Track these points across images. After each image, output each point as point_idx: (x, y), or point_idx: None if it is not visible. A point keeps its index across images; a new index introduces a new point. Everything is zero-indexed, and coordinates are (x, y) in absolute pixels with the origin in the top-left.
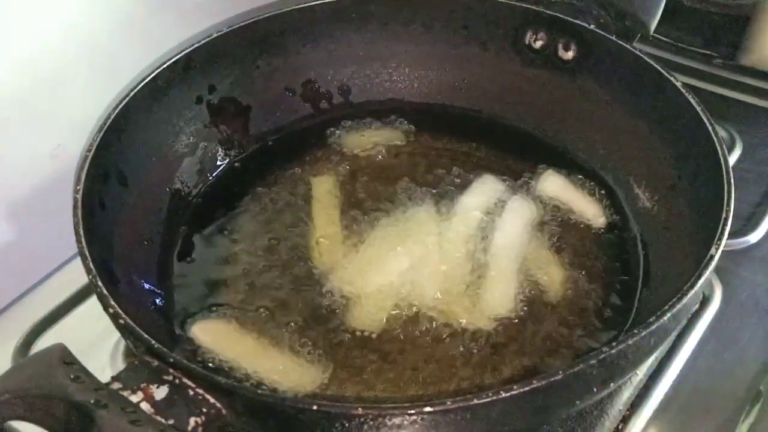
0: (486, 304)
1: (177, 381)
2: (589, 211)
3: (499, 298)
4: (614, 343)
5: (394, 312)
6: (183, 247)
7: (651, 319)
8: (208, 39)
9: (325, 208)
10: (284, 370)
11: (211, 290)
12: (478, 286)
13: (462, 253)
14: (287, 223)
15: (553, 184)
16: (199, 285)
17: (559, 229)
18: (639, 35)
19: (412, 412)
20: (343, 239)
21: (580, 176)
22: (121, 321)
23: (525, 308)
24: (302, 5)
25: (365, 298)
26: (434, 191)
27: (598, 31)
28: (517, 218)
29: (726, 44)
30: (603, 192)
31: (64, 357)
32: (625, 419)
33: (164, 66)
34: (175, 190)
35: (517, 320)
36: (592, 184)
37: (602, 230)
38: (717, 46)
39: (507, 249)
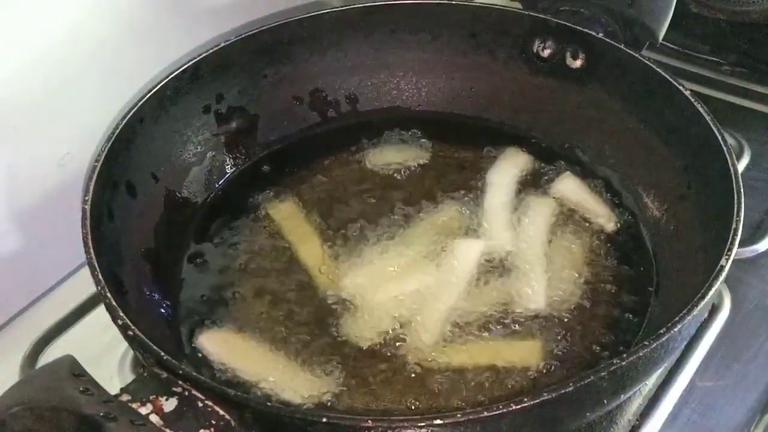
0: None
1: (186, 393)
2: (602, 214)
3: (531, 296)
4: (625, 355)
5: (405, 322)
6: (191, 257)
7: (662, 331)
8: (215, 48)
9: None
10: (292, 379)
11: (218, 300)
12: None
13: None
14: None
15: (569, 185)
16: (206, 295)
17: (571, 236)
18: (647, 43)
19: (422, 424)
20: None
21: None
22: (130, 332)
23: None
24: (310, 14)
25: (374, 308)
26: (449, 197)
27: (606, 39)
28: (539, 217)
29: (734, 51)
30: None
31: (73, 369)
32: (635, 429)
33: (172, 75)
34: (183, 199)
35: (525, 331)
36: (602, 189)
37: (612, 240)
38: (725, 53)
39: (531, 250)
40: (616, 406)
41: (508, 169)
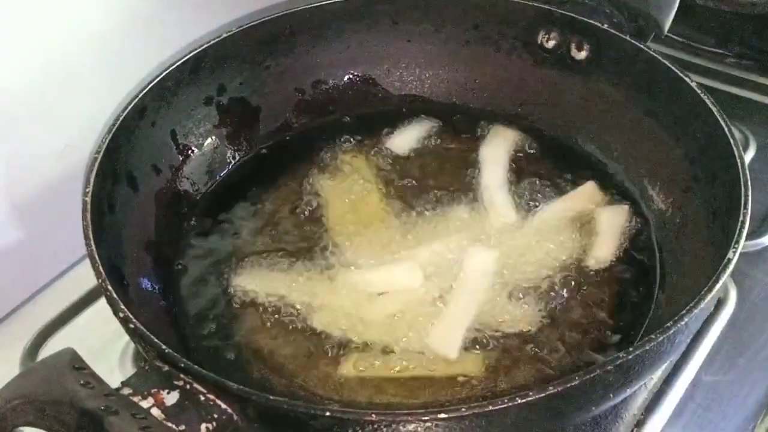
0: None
1: (188, 386)
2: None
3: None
4: (631, 348)
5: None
6: (192, 249)
7: (668, 324)
8: (217, 39)
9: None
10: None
11: (218, 292)
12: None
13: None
14: (298, 222)
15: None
16: (207, 286)
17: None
18: (653, 34)
19: (426, 418)
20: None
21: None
22: (132, 325)
23: (542, 315)
24: (312, 5)
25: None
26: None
27: (612, 30)
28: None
29: (739, 43)
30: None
31: (74, 362)
32: (640, 423)
33: (173, 67)
34: (184, 191)
35: (531, 327)
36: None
37: None
38: (730, 45)
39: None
40: (621, 400)
41: (499, 144)
